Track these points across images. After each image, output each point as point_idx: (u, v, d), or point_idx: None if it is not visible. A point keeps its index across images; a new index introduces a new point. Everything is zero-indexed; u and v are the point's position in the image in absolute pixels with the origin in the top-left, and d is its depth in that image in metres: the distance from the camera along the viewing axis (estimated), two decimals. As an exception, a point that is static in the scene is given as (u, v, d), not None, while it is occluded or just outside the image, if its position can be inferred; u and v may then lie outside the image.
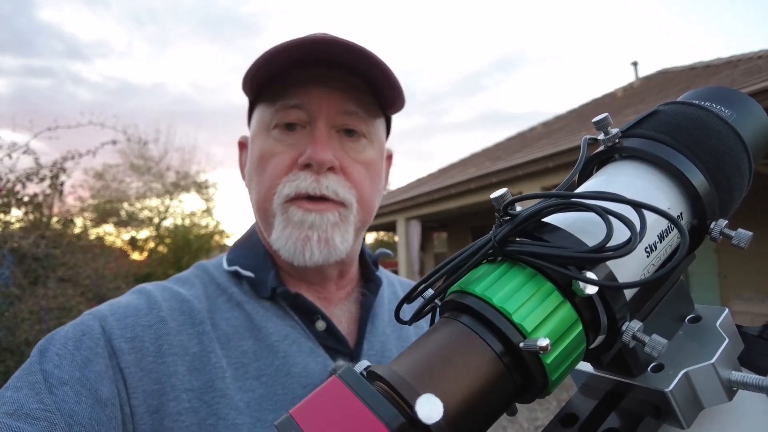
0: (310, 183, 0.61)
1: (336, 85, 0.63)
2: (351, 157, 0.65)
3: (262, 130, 0.66)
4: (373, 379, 0.26)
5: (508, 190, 0.32)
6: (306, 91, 0.63)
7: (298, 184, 0.61)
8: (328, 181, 0.62)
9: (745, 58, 7.02)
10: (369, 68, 0.62)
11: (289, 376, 0.60)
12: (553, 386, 0.28)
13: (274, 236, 0.64)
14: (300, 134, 0.63)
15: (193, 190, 15.27)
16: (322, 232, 0.62)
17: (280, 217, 0.63)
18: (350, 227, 0.65)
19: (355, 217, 0.65)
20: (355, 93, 0.64)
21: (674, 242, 0.34)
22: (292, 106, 0.63)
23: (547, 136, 9.06)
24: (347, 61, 0.62)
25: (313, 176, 0.61)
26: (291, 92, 0.63)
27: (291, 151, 0.63)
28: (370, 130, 0.67)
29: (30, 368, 0.51)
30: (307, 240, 0.61)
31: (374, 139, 0.68)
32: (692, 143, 0.35)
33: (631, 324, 0.29)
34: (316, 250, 0.62)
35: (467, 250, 0.31)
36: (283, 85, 0.63)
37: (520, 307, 0.27)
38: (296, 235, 0.62)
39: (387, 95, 0.66)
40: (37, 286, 4.29)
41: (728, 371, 0.32)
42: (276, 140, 0.64)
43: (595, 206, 0.29)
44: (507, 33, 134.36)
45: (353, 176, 0.65)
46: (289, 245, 0.62)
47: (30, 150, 4.53)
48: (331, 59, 0.62)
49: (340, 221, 0.63)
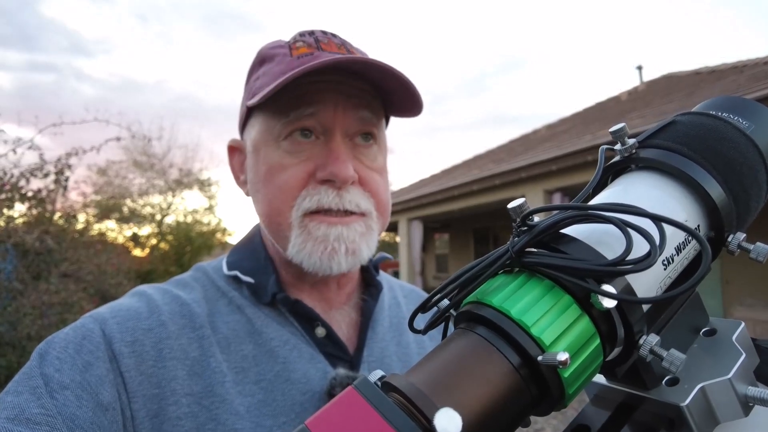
0: (333, 198, 0.61)
1: (349, 93, 0.62)
2: (366, 166, 0.64)
3: (270, 140, 0.64)
4: (389, 390, 0.26)
5: (525, 200, 0.31)
6: (319, 99, 0.61)
7: (320, 198, 0.61)
8: (350, 195, 0.62)
9: (751, 63, 7.00)
10: (385, 79, 0.61)
11: (288, 382, 0.60)
12: (569, 399, 0.27)
13: (292, 250, 0.62)
14: (313, 146, 0.62)
15: (196, 187, 15.29)
16: (350, 243, 0.62)
17: (297, 231, 0.62)
18: (374, 234, 0.66)
19: (376, 224, 0.66)
20: (368, 98, 0.64)
21: (691, 254, 0.34)
22: (306, 116, 0.61)
23: (551, 139, 9.05)
24: (357, 68, 0.61)
25: (335, 192, 0.61)
26: (305, 101, 0.61)
27: (306, 165, 0.62)
28: (379, 135, 0.67)
29: (30, 372, 0.51)
30: (335, 252, 0.61)
31: (381, 143, 0.68)
32: (710, 154, 0.35)
33: (649, 338, 0.29)
34: (343, 261, 0.61)
35: (484, 261, 0.31)
36: (294, 96, 0.61)
37: (538, 320, 0.27)
38: (321, 249, 0.61)
39: (406, 103, 0.66)
40: (40, 281, 4.29)
41: (745, 386, 0.31)
42: (287, 152, 0.62)
43: (614, 219, 0.28)
44: (512, 34, 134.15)
45: (370, 185, 0.64)
46: (314, 259, 0.61)
47: (35, 145, 4.54)
48: (349, 71, 0.61)
49: (366, 231, 0.64)
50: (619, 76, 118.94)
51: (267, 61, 0.65)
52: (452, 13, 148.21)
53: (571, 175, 6.35)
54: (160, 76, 42.59)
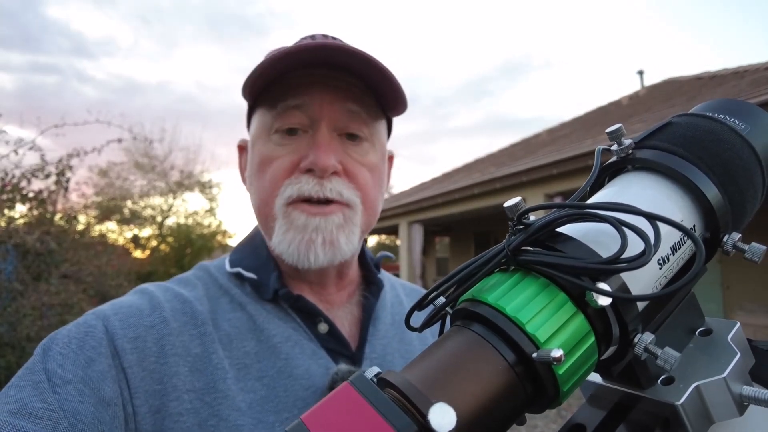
0: (313, 186, 0.61)
1: (337, 86, 0.63)
2: (354, 160, 0.65)
3: (262, 134, 0.65)
4: (384, 386, 0.26)
5: (522, 199, 0.32)
6: (307, 92, 0.62)
7: (300, 186, 0.61)
8: (332, 184, 0.62)
9: (752, 68, 7.01)
10: (369, 70, 0.62)
11: (291, 378, 0.60)
12: (564, 397, 0.27)
13: (275, 240, 0.63)
14: (301, 138, 0.63)
15: (197, 189, 15.29)
16: (327, 234, 0.62)
17: (281, 221, 0.63)
18: (355, 228, 0.65)
19: (359, 218, 0.65)
20: (357, 93, 0.64)
21: (686, 254, 0.34)
22: (293, 107, 0.62)
23: (552, 143, 9.06)
24: (347, 63, 0.62)
25: (316, 180, 0.61)
26: (291, 94, 0.63)
27: (292, 155, 0.63)
28: (372, 133, 0.67)
29: (33, 367, 0.51)
30: (311, 243, 0.61)
31: (376, 142, 0.68)
32: (706, 155, 0.35)
33: (644, 336, 0.29)
34: (320, 252, 0.61)
35: (480, 259, 0.31)
36: (282, 89, 0.63)
37: (533, 317, 0.27)
38: (299, 239, 0.61)
39: (389, 98, 0.66)
40: (40, 282, 4.29)
41: (740, 386, 0.32)
42: (277, 144, 0.64)
43: (609, 217, 0.28)
44: (513, 38, 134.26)
45: (357, 178, 0.65)
46: (292, 249, 0.62)
47: (36, 146, 4.55)
48: (331, 62, 0.62)
49: (344, 223, 0.63)
50: (620, 81, 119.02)
51: None
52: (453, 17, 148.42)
53: (572, 179, 6.35)
54: (163, 78, 42.75)
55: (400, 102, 0.67)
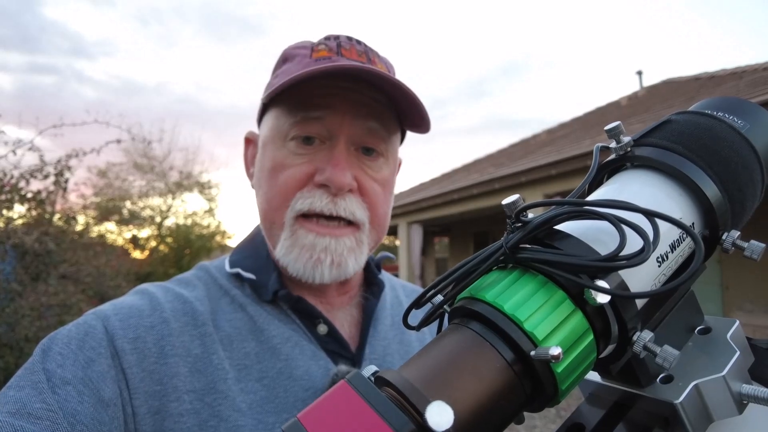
0: (326, 203, 0.61)
1: (359, 100, 0.62)
2: (368, 176, 0.64)
3: (277, 138, 0.64)
4: (382, 385, 0.26)
5: (520, 197, 0.31)
6: (329, 105, 0.61)
7: (313, 201, 0.61)
8: (345, 203, 0.61)
9: (750, 69, 7.02)
10: (394, 92, 0.61)
11: (291, 379, 0.60)
12: (562, 395, 0.27)
13: (279, 251, 0.63)
14: (318, 149, 0.62)
15: (196, 190, 15.27)
16: (337, 256, 0.62)
17: (287, 233, 0.62)
18: (364, 248, 0.65)
19: (368, 237, 0.65)
20: (379, 109, 0.64)
21: (686, 252, 0.34)
22: (313, 118, 0.61)
23: (551, 144, 9.06)
24: (372, 78, 0.61)
25: (330, 197, 0.61)
26: (313, 104, 0.61)
27: (307, 166, 0.62)
28: (388, 148, 0.66)
29: (33, 367, 0.51)
30: (319, 262, 0.61)
31: (390, 156, 0.68)
32: (705, 153, 0.35)
33: (642, 334, 0.29)
34: (327, 272, 0.61)
35: (478, 256, 0.31)
36: (304, 97, 0.62)
37: (531, 315, 0.27)
38: (307, 257, 0.61)
39: (415, 121, 0.66)
40: (38, 282, 4.28)
41: (739, 384, 0.31)
42: (291, 152, 0.63)
43: (608, 215, 0.28)
44: (512, 39, 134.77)
45: (369, 195, 0.64)
46: (298, 266, 0.62)
47: (35, 147, 4.54)
48: (351, 74, 0.61)
49: (355, 246, 0.63)
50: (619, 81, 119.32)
51: (288, 60, 0.66)
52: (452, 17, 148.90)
53: (571, 179, 6.35)
54: (161, 78, 42.66)
55: (425, 123, 0.67)
